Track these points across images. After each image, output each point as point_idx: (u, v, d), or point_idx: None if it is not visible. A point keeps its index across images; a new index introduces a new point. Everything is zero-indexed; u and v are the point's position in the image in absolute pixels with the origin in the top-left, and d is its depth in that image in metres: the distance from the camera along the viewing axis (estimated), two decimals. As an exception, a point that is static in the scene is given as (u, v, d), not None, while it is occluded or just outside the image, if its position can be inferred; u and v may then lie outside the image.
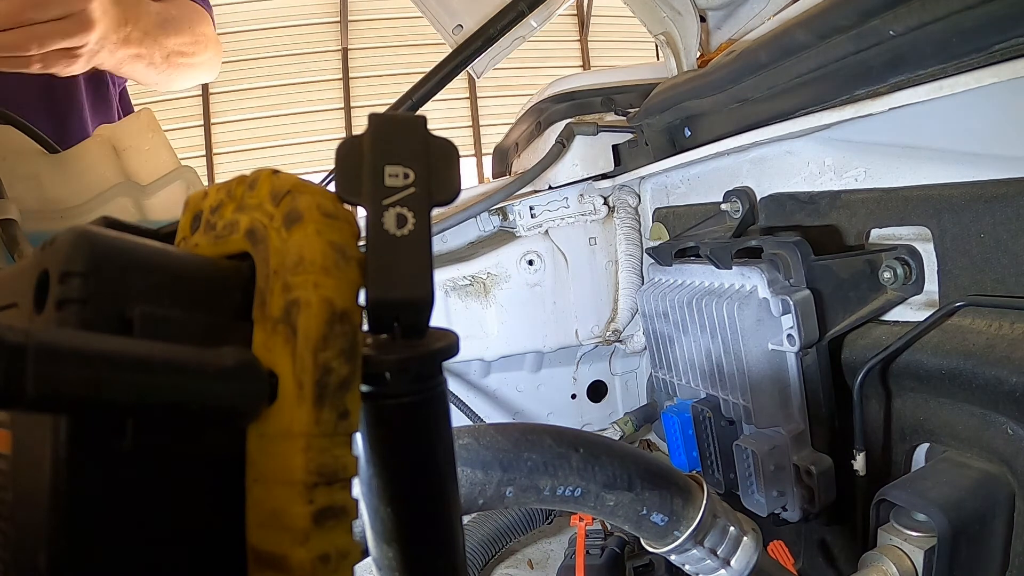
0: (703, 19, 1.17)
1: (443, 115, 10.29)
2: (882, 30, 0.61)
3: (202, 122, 9.93)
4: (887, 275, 0.73)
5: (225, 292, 0.26)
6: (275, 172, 0.26)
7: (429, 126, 0.28)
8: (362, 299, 0.25)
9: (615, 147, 1.27)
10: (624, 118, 1.25)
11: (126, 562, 0.22)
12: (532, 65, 9.96)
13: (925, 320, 0.68)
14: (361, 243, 0.26)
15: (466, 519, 1.03)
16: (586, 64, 10.92)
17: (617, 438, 1.20)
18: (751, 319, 0.79)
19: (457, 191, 0.28)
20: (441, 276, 1.25)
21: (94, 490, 0.21)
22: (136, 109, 1.09)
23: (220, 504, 0.24)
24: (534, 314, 1.29)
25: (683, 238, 1.02)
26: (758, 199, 0.96)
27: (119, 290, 0.23)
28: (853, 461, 0.73)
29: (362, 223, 0.26)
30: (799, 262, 0.76)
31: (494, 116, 10.63)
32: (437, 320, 0.29)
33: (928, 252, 0.71)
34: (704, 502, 0.53)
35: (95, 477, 0.21)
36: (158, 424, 0.23)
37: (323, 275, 0.24)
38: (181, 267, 0.26)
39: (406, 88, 1.27)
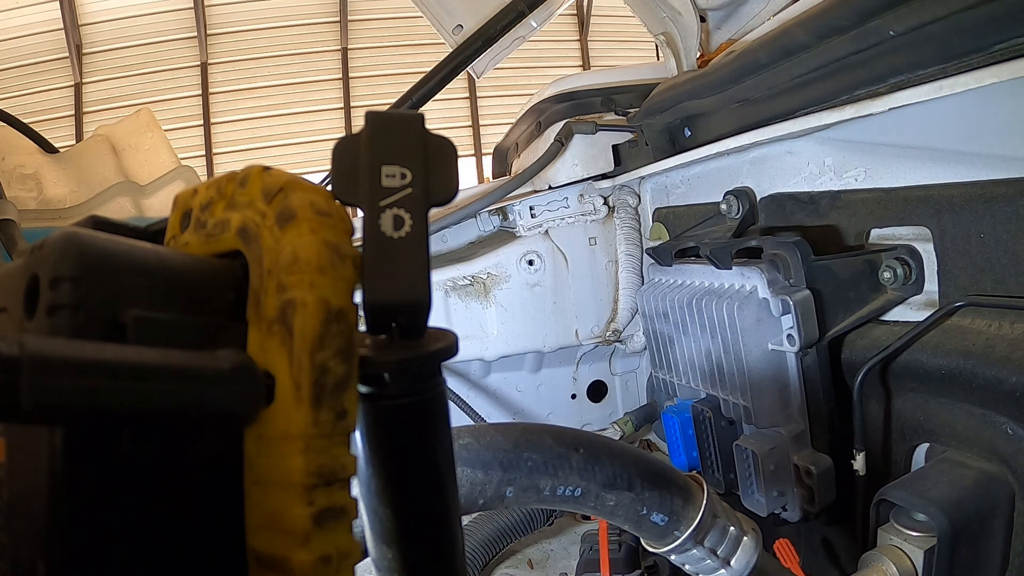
0: (703, 19, 1.16)
1: (443, 115, 10.28)
2: (882, 30, 0.61)
3: (202, 122, 9.92)
4: (887, 275, 0.73)
5: (218, 292, 0.26)
6: (266, 169, 0.26)
7: (428, 126, 0.27)
8: (357, 297, 0.25)
9: (615, 147, 1.27)
10: (624, 118, 1.25)
11: (126, 569, 0.22)
12: (532, 65, 9.95)
13: (925, 320, 0.68)
14: (355, 239, 0.25)
15: (466, 519, 1.03)
16: (586, 64, 10.91)
17: (617, 438, 1.20)
18: (751, 319, 0.78)
19: (455, 191, 0.27)
20: (441, 276, 1.25)
21: (91, 498, 0.21)
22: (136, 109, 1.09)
23: (219, 508, 0.24)
24: (534, 314, 1.28)
25: (683, 238, 1.02)
26: (758, 199, 0.95)
27: (111, 294, 0.22)
28: (853, 461, 0.73)
29: (357, 222, 0.25)
30: (799, 262, 0.76)
31: (494, 116, 10.62)
32: (437, 320, 0.29)
33: (928, 252, 0.71)
34: (704, 502, 0.53)
35: (92, 485, 0.21)
36: (155, 430, 0.22)
37: (318, 274, 0.24)
38: (174, 268, 0.25)
39: (406, 88, 1.27)
